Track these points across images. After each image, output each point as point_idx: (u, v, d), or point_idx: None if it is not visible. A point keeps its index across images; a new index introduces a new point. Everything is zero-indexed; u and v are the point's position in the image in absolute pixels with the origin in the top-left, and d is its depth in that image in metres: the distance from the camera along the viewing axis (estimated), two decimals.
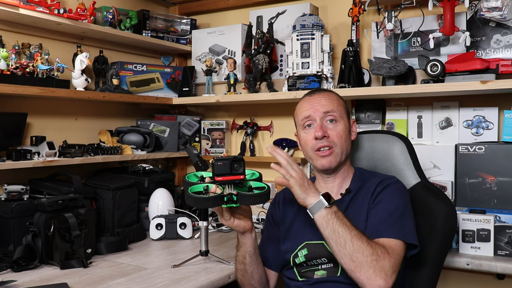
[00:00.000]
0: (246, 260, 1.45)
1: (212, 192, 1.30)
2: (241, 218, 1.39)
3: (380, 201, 1.37)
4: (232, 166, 1.29)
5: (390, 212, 1.34)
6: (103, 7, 2.29)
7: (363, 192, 1.43)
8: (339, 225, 1.23)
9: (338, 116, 1.44)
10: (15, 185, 1.87)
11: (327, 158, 1.42)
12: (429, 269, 1.44)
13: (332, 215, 1.25)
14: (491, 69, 1.83)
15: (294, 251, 1.44)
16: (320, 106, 1.45)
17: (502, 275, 1.98)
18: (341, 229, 1.23)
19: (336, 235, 1.23)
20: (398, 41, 2.17)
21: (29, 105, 2.07)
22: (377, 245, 1.24)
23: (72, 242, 1.72)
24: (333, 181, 1.49)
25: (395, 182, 1.44)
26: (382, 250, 1.23)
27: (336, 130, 1.43)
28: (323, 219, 1.25)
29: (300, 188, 1.27)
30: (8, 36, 2.01)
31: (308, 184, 1.29)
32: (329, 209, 1.25)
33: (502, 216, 1.67)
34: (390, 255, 1.23)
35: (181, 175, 2.80)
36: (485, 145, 1.85)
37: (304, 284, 1.42)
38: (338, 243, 1.23)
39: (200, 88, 2.68)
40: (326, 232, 1.25)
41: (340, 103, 1.49)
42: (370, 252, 1.21)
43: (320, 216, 1.26)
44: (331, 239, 1.24)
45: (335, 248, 1.24)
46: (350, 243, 1.21)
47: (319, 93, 1.50)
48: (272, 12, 2.37)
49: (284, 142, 2.45)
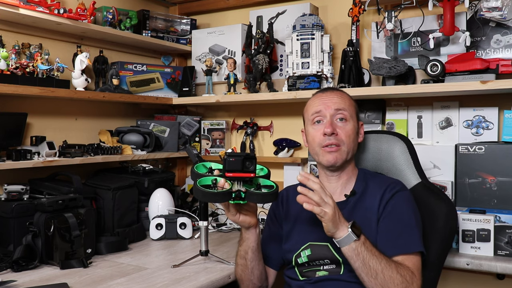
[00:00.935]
0: (248, 255, 1.45)
1: (220, 186, 1.29)
2: (247, 214, 1.38)
3: (393, 211, 1.38)
4: (244, 163, 1.28)
5: (405, 224, 1.35)
6: (103, 7, 2.29)
7: (368, 194, 1.43)
8: (370, 258, 1.23)
9: (348, 115, 1.45)
10: (15, 185, 1.87)
11: (333, 154, 1.42)
12: (429, 269, 1.44)
13: (361, 247, 1.24)
14: (491, 69, 1.83)
15: (297, 251, 1.44)
16: (332, 103, 1.45)
17: (502, 275, 1.98)
18: (372, 261, 1.23)
19: (366, 267, 1.24)
20: (398, 41, 2.17)
21: (29, 105, 2.07)
22: (404, 270, 1.26)
23: (72, 242, 1.72)
24: (337, 181, 1.48)
25: (403, 189, 1.44)
26: (410, 274, 1.26)
27: (345, 129, 1.43)
28: (353, 252, 1.24)
29: (333, 223, 1.23)
30: (8, 36, 2.01)
31: (339, 217, 1.24)
32: (358, 242, 1.24)
33: (502, 216, 1.68)
34: (417, 277, 1.27)
35: (181, 175, 2.80)
36: (485, 145, 1.85)
37: (305, 283, 1.42)
38: (369, 274, 1.24)
39: (200, 88, 2.68)
40: (356, 264, 1.25)
41: (352, 103, 1.49)
42: (400, 280, 1.23)
43: (350, 249, 1.24)
44: (362, 271, 1.25)
45: (365, 279, 1.25)
46: (381, 275, 1.23)
47: (331, 91, 1.51)
48: (272, 12, 2.37)
49: (284, 142, 2.45)
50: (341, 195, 1.46)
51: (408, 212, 1.37)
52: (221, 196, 1.28)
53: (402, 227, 1.34)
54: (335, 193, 1.47)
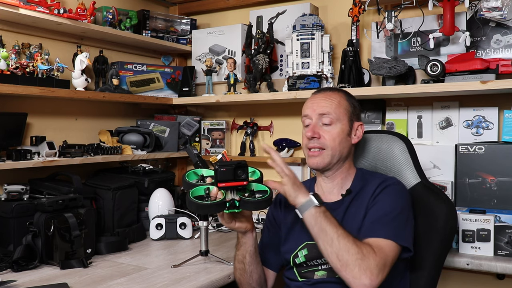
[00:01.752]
0: (246, 259, 1.46)
1: (213, 196, 1.29)
2: (242, 220, 1.40)
3: (378, 201, 1.38)
4: (235, 172, 1.28)
5: (386, 212, 1.34)
6: (103, 7, 2.29)
7: (364, 193, 1.43)
8: (327, 223, 1.25)
9: (334, 118, 1.43)
10: (15, 185, 1.87)
11: (315, 158, 1.44)
12: (429, 269, 1.43)
13: (320, 213, 1.27)
14: (491, 69, 1.83)
15: (294, 251, 1.44)
16: (318, 107, 1.45)
17: (502, 275, 1.98)
18: (328, 227, 1.24)
19: (323, 233, 1.25)
20: (398, 41, 2.17)
21: (29, 105, 2.07)
22: (363, 245, 1.25)
23: (72, 242, 1.72)
24: (332, 181, 1.49)
25: (395, 183, 1.43)
26: (368, 249, 1.24)
27: (330, 132, 1.43)
28: (312, 217, 1.27)
29: (293, 186, 1.30)
30: (8, 36, 2.01)
31: (299, 184, 1.32)
32: (318, 208, 1.27)
33: (502, 216, 1.67)
34: (376, 254, 1.23)
35: (181, 175, 2.80)
36: (485, 145, 1.85)
37: (304, 284, 1.42)
38: (325, 241, 1.25)
39: (200, 88, 2.68)
40: (314, 230, 1.27)
41: (342, 105, 1.46)
42: (356, 251, 1.21)
43: (309, 215, 1.27)
44: (319, 238, 1.26)
45: (322, 246, 1.26)
46: (336, 242, 1.23)
47: (323, 92, 1.50)
48: (272, 12, 2.37)
49: (284, 142, 2.45)
50: (338, 195, 1.46)
51: (391, 203, 1.36)
52: (215, 207, 1.28)
53: (381, 215, 1.33)
54: (332, 193, 1.48)
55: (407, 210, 1.39)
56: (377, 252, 1.24)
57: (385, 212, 1.34)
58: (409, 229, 1.35)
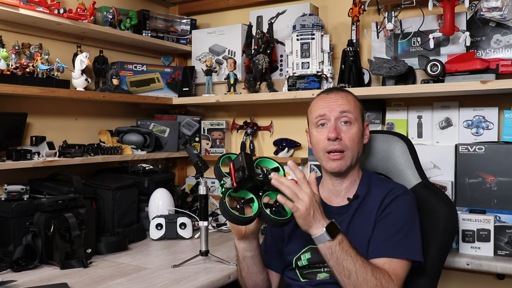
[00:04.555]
0: (249, 262, 1.43)
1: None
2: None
3: (388, 214, 1.35)
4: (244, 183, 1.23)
5: (398, 228, 1.32)
6: (103, 7, 2.29)
7: (371, 198, 1.40)
8: (344, 258, 1.21)
9: (353, 118, 1.40)
10: (15, 185, 1.87)
11: (337, 162, 1.38)
12: (429, 270, 1.43)
13: (336, 247, 1.21)
14: (491, 69, 1.83)
15: (297, 253, 1.43)
16: (336, 105, 1.40)
17: (502, 275, 1.98)
18: (346, 262, 1.20)
19: (340, 266, 1.21)
20: (398, 41, 2.17)
21: (29, 105, 2.07)
22: (381, 274, 1.23)
23: (72, 242, 1.72)
24: (341, 184, 1.45)
25: (404, 194, 1.40)
26: (386, 278, 1.23)
27: (350, 133, 1.39)
28: (327, 251, 1.22)
29: (304, 221, 1.20)
30: (8, 36, 2.01)
31: (315, 215, 1.21)
32: (333, 241, 1.21)
33: (502, 216, 1.68)
34: (394, 283, 1.24)
35: (181, 175, 2.80)
36: (485, 145, 1.85)
37: (306, 284, 1.41)
38: (342, 274, 1.22)
39: (200, 88, 2.68)
40: (330, 262, 1.23)
41: (357, 105, 1.44)
42: (374, 283, 1.20)
43: (324, 248, 1.22)
44: (335, 270, 1.23)
45: (339, 277, 1.23)
46: (354, 275, 1.20)
47: (336, 92, 1.45)
48: (272, 12, 2.37)
49: (284, 142, 2.45)
50: (344, 199, 1.43)
51: (404, 218, 1.34)
52: (245, 222, 1.27)
53: (394, 232, 1.31)
54: (339, 196, 1.45)
55: (417, 221, 1.37)
56: (395, 279, 1.25)
57: (398, 228, 1.32)
58: (419, 239, 1.35)
